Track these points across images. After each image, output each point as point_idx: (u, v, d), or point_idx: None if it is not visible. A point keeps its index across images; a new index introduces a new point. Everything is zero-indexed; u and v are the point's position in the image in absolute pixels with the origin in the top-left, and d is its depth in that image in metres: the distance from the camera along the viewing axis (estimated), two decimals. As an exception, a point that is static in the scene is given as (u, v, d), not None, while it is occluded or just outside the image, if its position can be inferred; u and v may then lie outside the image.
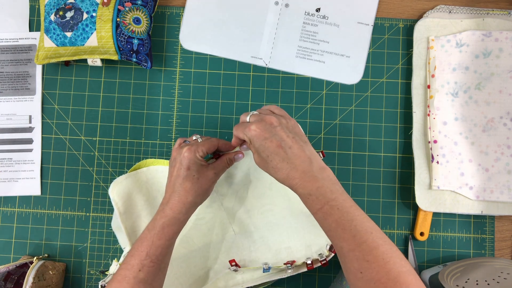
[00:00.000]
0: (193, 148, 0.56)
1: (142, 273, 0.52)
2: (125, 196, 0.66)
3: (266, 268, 0.62)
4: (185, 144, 0.58)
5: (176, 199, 0.55)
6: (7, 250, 0.72)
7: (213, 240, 0.68)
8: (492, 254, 0.70)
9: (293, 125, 0.54)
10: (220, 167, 0.59)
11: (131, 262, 0.53)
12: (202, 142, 0.58)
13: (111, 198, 0.65)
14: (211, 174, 0.57)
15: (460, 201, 0.69)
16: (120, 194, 0.65)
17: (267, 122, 0.52)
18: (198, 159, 0.56)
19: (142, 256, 0.53)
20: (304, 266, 0.63)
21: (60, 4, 0.68)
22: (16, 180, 0.72)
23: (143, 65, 0.70)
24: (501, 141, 0.69)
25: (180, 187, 0.56)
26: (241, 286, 0.63)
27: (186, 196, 0.55)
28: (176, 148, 0.58)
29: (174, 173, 0.57)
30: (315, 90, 0.73)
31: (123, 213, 0.65)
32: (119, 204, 0.65)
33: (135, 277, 0.52)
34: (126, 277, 0.52)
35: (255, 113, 0.55)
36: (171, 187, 0.57)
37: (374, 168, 0.72)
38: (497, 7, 0.73)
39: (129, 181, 0.66)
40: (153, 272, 0.53)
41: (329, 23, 0.73)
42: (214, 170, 0.58)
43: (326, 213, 0.48)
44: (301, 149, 0.51)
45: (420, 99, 0.71)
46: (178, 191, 0.56)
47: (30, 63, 0.74)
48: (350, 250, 0.46)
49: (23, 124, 0.73)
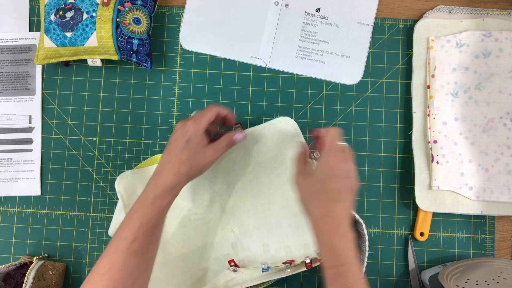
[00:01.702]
0: (196, 121, 0.57)
1: (135, 245, 0.51)
2: (130, 190, 0.67)
3: (265, 268, 0.62)
4: (188, 118, 0.59)
5: (169, 169, 0.55)
6: (7, 250, 0.72)
7: (212, 240, 0.68)
8: (492, 254, 0.70)
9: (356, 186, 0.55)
10: (219, 147, 0.59)
11: (123, 234, 0.52)
12: (202, 113, 0.59)
13: (117, 190, 0.66)
14: (209, 152, 0.58)
15: (460, 201, 0.69)
16: (126, 187, 0.67)
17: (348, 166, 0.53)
18: (200, 133, 0.57)
19: (135, 228, 0.52)
20: (303, 265, 0.63)
21: (60, 4, 0.68)
22: (16, 180, 0.72)
23: (143, 65, 0.70)
24: (501, 141, 0.69)
25: (176, 157, 0.56)
26: (241, 286, 0.63)
27: (180, 166, 0.55)
28: (179, 124, 0.59)
29: (171, 145, 0.57)
30: (315, 90, 0.73)
31: (127, 205, 0.66)
32: (124, 197, 0.66)
33: (128, 249, 0.51)
34: (118, 249, 0.51)
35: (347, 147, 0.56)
36: (166, 158, 0.57)
37: (374, 168, 0.72)
38: (497, 7, 0.73)
39: (135, 176, 0.68)
40: (146, 244, 0.52)
41: (329, 23, 0.73)
42: (213, 149, 0.58)
43: (340, 273, 0.49)
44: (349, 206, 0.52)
45: (420, 99, 0.71)
46: (172, 161, 0.56)
47: (30, 63, 0.74)
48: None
49: (23, 124, 0.73)
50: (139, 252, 0.52)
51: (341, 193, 0.51)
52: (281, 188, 0.67)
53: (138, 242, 0.52)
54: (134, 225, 0.52)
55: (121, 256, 0.51)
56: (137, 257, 0.52)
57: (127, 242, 0.51)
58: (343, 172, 0.52)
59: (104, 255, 0.52)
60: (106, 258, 0.51)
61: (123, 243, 0.51)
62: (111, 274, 0.50)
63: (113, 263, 0.50)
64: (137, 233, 0.52)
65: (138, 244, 0.52)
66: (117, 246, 0.51)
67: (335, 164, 0.52)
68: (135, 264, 0.51)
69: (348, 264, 0.49)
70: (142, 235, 0.52)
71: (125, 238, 0.52)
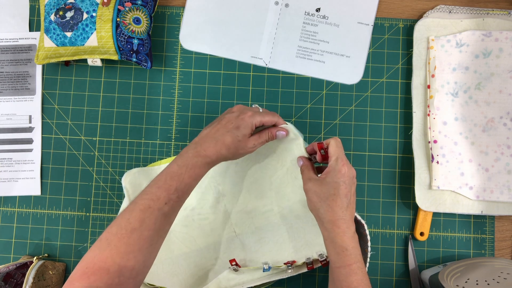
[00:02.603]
0: (254, 116, 0.58)
1: (167, 207, 0.52)
2: (136, 186, 0.67)
3: (266, 267, 0.62)
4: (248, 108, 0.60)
5: (212, 144, 0.56)
6: (7, 250, 0.72)
7: (214, 240, 0.68)
8: (492, 254, 0.70)
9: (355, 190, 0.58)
10: (259, 141, 0.60)
11: (158, 193, 0.52)
12: (263, 113, 0.60)
13: (123, 185, 0.67)
14: (250, 144, 0.59)
15: (460, 201, 0.69)
16: (132, 183, 0.67)
17: (353, 172, 0.56)
18: (252, 127, 0.58)
19: (171, 191, 0.53)
20: (305, 267, 0.63)
21: (60, 4, 0.68)
22: (16, 180, 0.72)
23: (143, 65, 0.70)
24: (501, 141, 0.69)
25: (222, 137, 0.57)
26: (242, 286, 0.63)
27: (222, 147, 0.56)
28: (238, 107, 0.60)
29: (222, 122, 0.58)
30: (315, 90, 0.73)
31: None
32: (130, 192, 0.67)
33: (160, 209, 0.51)
34: (150, 207, 0.51)
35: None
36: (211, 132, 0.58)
37: (374, 168, 0.72)
38: (497, 7, 0.73)
39: (141, 173, 0.68)
40: (175, 207, 0.53)
41: (329, 23, 0.73)
42: (253, 142, 0.59)
43: (353, 271, 0.53)
44: (353, 210, 0.56)
45: (420, 99, 0.71)
46: (217, 138, 0.57)
47: (30, 63, 0.74)
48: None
49: (23, 124, 0.73)
50: (168, 213, 0.53)
51: (349, 199, 0.55)
52: (283, 190, 0.67)
53: (170, 204, 0.52)
54: (170, 188, 0.53)
55: (153, 215, 0.51)
56: (165, 218, 0.52)
57: (161, 203, 0.52)
58: (350, 179, 0.55)
59: (133, 209, 0.51)
60: (137, 214, 0.51)
61: (157, 202, 0.52)
62: (141, 232, 0.50)
63: (144, 220, 0.50)
64: (172, 196, 0.53)
65: (170, 206, 0.52)
66: (151, 204, 0.51)
67: (344, 172, 0.55)
68: (162, 224, 0.52)
69: (358, 262, 0.54)
70: (175, 199, 0.53)
71: (159, 198, 0.52)
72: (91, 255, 0.48)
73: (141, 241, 0.50)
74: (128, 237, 0.49)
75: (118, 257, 0.48)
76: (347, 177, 0.55)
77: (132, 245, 0.49)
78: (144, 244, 0.50)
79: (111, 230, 0.50)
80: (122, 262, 0.48)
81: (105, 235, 0.50)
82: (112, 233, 0.50)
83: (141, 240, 0.50)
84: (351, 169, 0.56)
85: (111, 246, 0.49)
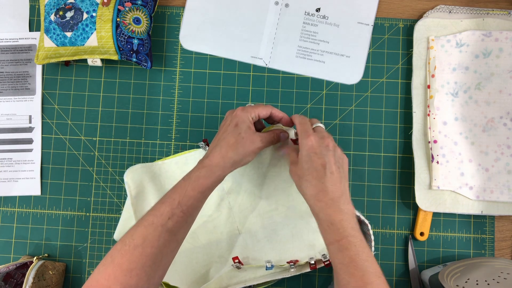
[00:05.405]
0: (246, 109, 0.58)
1: (171, 222, 0.51)
2: (137, 182, 0.68)
3: (269, 266, 0.62)
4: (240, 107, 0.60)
5: (217, 152, 0.55)
6: (7, 250, 0.72)
7: (217, 238, 0.69)
8: (492, 254, 0.70)
9: (342, 159, 0.56)
10: (267, 138, 0.59)
11: (161, 209, 0.52)
12: (255, 105, 0.59)
13: (125, 182, 0.67)
14: (257, 139, 0.57)
15: (460, 201, 0.69)
16: (134, 179, 0.68)
17: (325, 142, 0.54)
18: (249, 119, 0.57)
19: (174, 205, 0.52)
20: (307, 266, 0.63)
21: (60, 4, 0.68)
22: (16, 180, 0.72)
23: (143, 65, 0.70)
24: (501, 141, 0.69)
25: (223, 141, 0.56)
26: (244, 284, 0.63)
27: (227, 150, 0.55)
28: (228, 112, 0.60)
29: (221, 130, 0.58)
30: (315, 90, 0.73)
31: (134, 197, 0.67)
32: (131, 188, 0.67)
33: (163, 225, 0.50)
34: (153, 223, 0.50)
35: (321, 127, 0.57)
36: (214, 142, 0.57)
37: (374, 168, 0.72)
38: (497, 7, 0.73)
39: (144, 170, 0.69)
40: (181, 223, 0.52)
41: (329, 23, 0.73)
42: (261, 138, 0.58)
43: (343, 246, 0.49)
44: (339, 180, 0.53)
45: (420, 99, 0.71)
46: (220, 144, 0.56)
47: (30, 63, 0.74)
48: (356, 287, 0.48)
49: (23, 124, 0.73)
50: (173, 230, 0.51)
51: (326, 168, 0.52)
52: (287, 189, 0.67)
53: (174, 219, 0.51)
54: (173, 202, 0.52)
55: (156, 231, 0.50)
56: (170, 235, 0.51)
57: (164, 218, 0.51)
58: (321, 149, 0.53)
59: (138, 225, 0.51)
60: (141, 230, 0.50)
61: (160, 218, 0.51)
62: (143, 248, 0.49)
63: (147, 236, 0.50)
64: (175, 210, 0.51)
65: (174, 222, 0.51)
66: (154, 220, 0.51)
67: (311, 144, 0.53)
68: (167, 241, 0.51)
69: (349, 237, 0.49)
70: (179, 213, 0.52)
71: (163, 214, 0.51)
72: (96, 272, 0.49)
73: (144, 258, 0.49)
74: (130, 253, 0.49)
75: (121, 274, 0.48)
76: (318, 148, 0.53)
77: (135, 262, 0.49)
78: (147, 261, 0.49)
79: (116, 247, 0.50)
80: (124, 280, 0.48)
81: (110, 251, 0.50)
82: (116, 249, 0.49)
83: (143, 257, 0.49)
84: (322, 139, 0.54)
85: (114, 263, 0.48)
